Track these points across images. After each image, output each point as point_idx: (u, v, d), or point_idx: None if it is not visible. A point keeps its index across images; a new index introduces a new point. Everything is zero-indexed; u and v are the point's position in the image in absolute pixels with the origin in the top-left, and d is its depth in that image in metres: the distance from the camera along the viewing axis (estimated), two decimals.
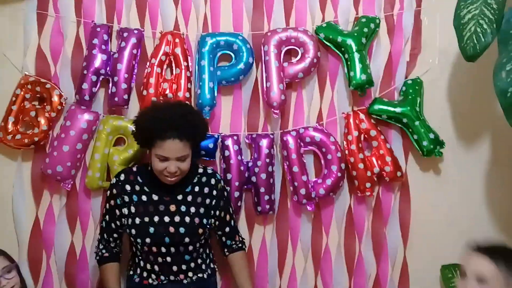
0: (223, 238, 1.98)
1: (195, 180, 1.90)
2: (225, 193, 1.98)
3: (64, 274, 2.15)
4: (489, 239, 1.63)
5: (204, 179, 1.91)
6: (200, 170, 1.93)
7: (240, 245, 2.00)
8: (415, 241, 2.19)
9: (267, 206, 2.12)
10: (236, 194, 2.10)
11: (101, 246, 1.94)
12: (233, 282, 2.03)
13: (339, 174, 2.10)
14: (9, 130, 2.06)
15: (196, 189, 1.89)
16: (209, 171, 1.95)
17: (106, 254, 1.92)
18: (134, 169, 1.94)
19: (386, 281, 2.18)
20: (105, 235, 1.93)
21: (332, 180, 2.11)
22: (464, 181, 2.20)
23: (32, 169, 2.14)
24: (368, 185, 2.09)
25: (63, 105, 2.09)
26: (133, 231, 1.84)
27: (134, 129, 1.86)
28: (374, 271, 2.19)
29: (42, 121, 2.07)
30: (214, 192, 1.91)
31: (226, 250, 1.99)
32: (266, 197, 2.11)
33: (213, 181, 1.92)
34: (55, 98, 2.07)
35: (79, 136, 2.05)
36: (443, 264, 2.14)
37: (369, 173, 2.09)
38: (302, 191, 2.10)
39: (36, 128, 2.07)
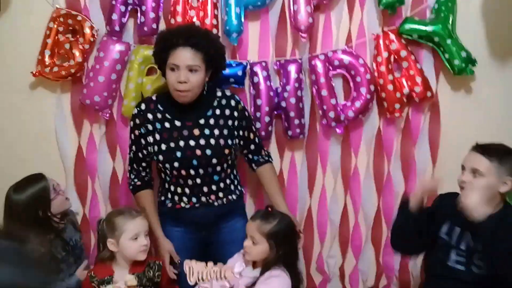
0: (250, 156, 2.05)
1: (215, 104, 1.94)
2: (246, 113, 2.02)
3: (109, 198, 2.31)
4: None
5: (224, 101, 1.96)
6: (219, 94, 1.97)
7: (266, 158, 2.07)
8: (444, 160, 2.22)
9: (297, 130, 2.17)
10: (267, 119, 2.15)
11: (132, 176, 2.03)
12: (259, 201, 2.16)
13: (368, 96, 2.11)
14: (47, 63, 2.15)
15: (217, 112, 1.94)
16: (228, 94, 1.99)
17: (139, 183, 2.02)
18: (154, 98, 1.98)
19: None
20: (134, 165, 2.01)
21: (361, 102, 2.12)
22: (496, 101, 2.18)
23: (71, 100, 2.24)
24: (397, 106, 2.10)
25: (95, 36, 2.14)
26: (161, 157, 1.91)
27: (152, 54, 1.92)
28: (402, 190, 2.25)
29: (77, 53, 2.14)
30: (235, 113, 1.96)
31: (253, 164, 2.07)
32: (296, 122, 2.15)
33: (233, 102, 1.97)
34: (87, 30, 2.12)
35: (113, 67, 2.11)
36: None
37: (398, 94, 2.09)
38: (331, 114, 2.13)
39: (72, 60, 2.14)
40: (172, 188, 1.98)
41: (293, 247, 1.80)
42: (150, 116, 1.93)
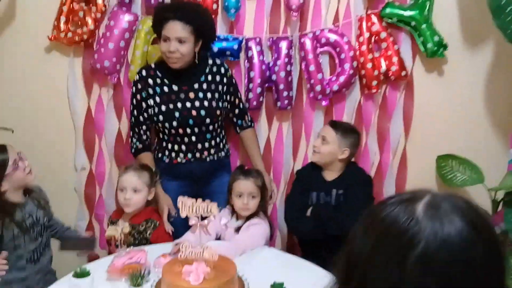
0: (234, 119, 2.32)
1: (207, 71, 2.20)
2: (234, 80, 2.28)
3: (114, 155, 2.55)
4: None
5: (215, 69, 2.21)
6: (210, 62, 2.22)
7: (249, 123, 2.34)
8: (415, 134, 2.45)
9: (286, 102, 2.40)
10: (258, 90, 2.38)
11: (134, 140, 2.26)
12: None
13: (351, 72, 2.34)
14: (62, 29, 2.36)
15: (209, 78, 2.19)
16: (218, 62, 2.24)
17: (140, 146, 2.26)
18: (153, 65, 2.23)
19: (387, 168, 2.49)
20: (136, 129, 2.25)
21: (345, 77, 2.35)
22: (466, 82, 2.39)
23: (83, 64, 2.46)
24: (374, 83, 2.33)
25: (107, 6, 2.35)
26: (161, 117, 2.16)
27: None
28: (377, 160, 2.49)
29: (89, 21, 2.35)
30: (225, 80, 2.22)
31: (237, 128, 2.34)
32: (285, 94, 2.38)
33: (222, 70, 2.22)
34: (100, 1, 2.33)
35: (122, 35, 2.33)
36: (439, 155, 2.42)
37: (376, 72, 2.32)
38: (318, 87, 2.36)
39: (85, 27, 2.35)
40: (170, 146, 2.22)
41: (266, 198, 2.11)
42: (150, 81, 2.17)
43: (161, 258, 1.72)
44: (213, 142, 2.24)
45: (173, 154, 2.23)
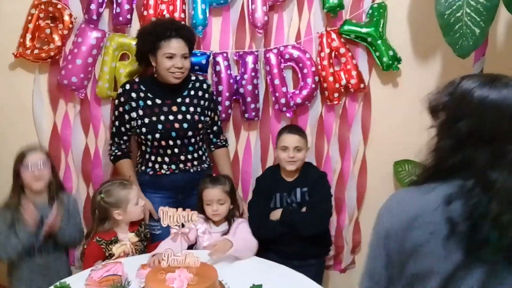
0: (211, 136, 2.40)
1: (190, 86, 2.28)
2: (214, 97, 2.37)
3: (81, 170, 2.55)
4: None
5: (197, 84, 2.30)
6: (193, 78, 2.31)
7: (223, 142, 2.44)
8: (373, 142, 2.61)
9: (253, 113, 2.50)
10: (227, 103, 2.47)
11: (113, 148, 2.31)
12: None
13: (313, 86, 2.48)
14: (27, 46, 2.36)
15: (192, 92, 2.27)
16: (201, 78, 2.34)
17: (119, 153, 2.30)
18: (137, 79, 2.29)
19: (348, 175, 2.64)
20: (116, 138, 2.29)
21: (307, 91, 2.49)
22: (418, 94, 2.51)
23: (49, 80, 2.46)
24: (336, 95, 2.48)
25: (73, 23, 2.37)
26: (143, 130, 2.21)
27: (136, 43, 2.20)
28: (339, 167, 2.64)
29: (56, 37, 2.36)
30: (206, 95, 2.30)
31: (212, 146, 2.42)
32: (252, 106, 2.49)
33: (205, 86, 2.31)
34: (66, 18, 2.35)
35: (90, 51, 2.36)
36: (395, 160, 2.60)
37: (337, 85, 2.47)
38: (282, 100, 2.48)
39: (52, 44, 2.36)
40: (153, 158, 2.27)
41: (236, 200, 2.22)
42: (133, 95, 2.23)
43: (141, 270, 1.76)
44: (195, 154, 2.31)
45: (157, 166, 2.27)
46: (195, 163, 2.31)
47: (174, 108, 2.23)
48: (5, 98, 2.48)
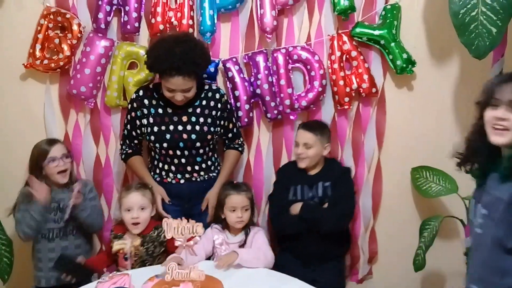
0: (226, 141, 2.36)
1: (202, 95, 2.23)
2: (228, 106, 2.31)
3: (93, 180, 2.53)
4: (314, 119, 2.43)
5: (210, 94, 2.24)
6: (206, 87, 2.26)
7: (237, 146, 2.37)
8: (389, 148, 2.54)
9: (275, 111, 2.42)
10: (247, 107, 2.41)
11: (124, 147, 2.31)
12: None
13: (319, 89, 2.41)
14: (37, 56, 2.37)
15: (204, 103, 2.22)
16: (214, 87, 2.28)
17: (130, 151, 2.30)
18: (151, 86, 2.27)
19: (363, 181, 2.56)
20: (127, 140, 2.29)
21: (313, 94, 2.42)
22: (434, 96, 2.50)
23: (59, 90, 2.47)
24: (346, 99, 2.41)
25: (82, 33, 2.37)
26: (152, 138, 2.20)
27: (145, 63, 2.16)
28: (353, 173, 2.55)
29: (65, 47, 2.36)
30: (219, 105, 2.25)
31: (224, 147, 2.38)
32: (272, 104, 2.41)
33: (217, 95, 2.25)
34: (75, 27, 2.35)
35: (98, 60, 2.36)
36: (412, 167, 2.51)
37: (348, 89, 2.40)
38: (287, 101, 2.42)
39: (61, 53, 2.37)
40: (161, 165, 2.26)
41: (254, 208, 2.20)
42: (146, 101, 2.21)
43: (148, 283, 1.73)
44: (203, 165, 2.27)
45: (164, 173, 2.27)
46: (202, 173, 2.28)
47: (184, 118, 2.20)
48: (17, 108, 2.49)
